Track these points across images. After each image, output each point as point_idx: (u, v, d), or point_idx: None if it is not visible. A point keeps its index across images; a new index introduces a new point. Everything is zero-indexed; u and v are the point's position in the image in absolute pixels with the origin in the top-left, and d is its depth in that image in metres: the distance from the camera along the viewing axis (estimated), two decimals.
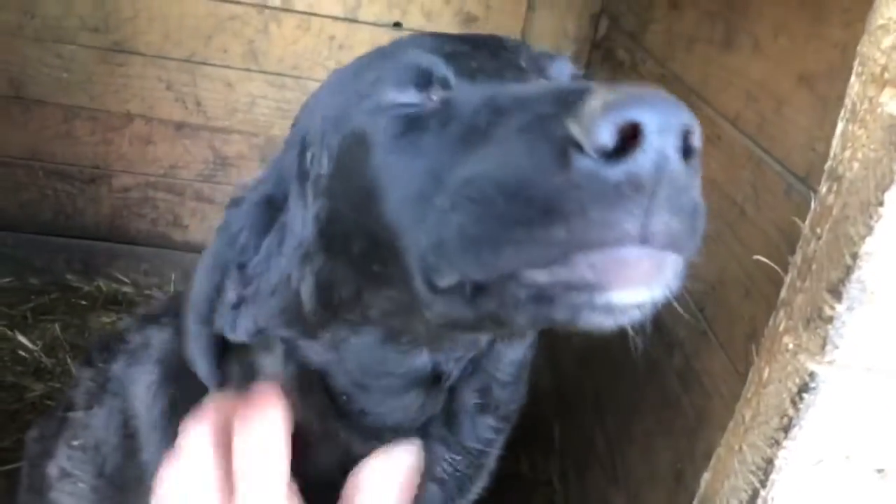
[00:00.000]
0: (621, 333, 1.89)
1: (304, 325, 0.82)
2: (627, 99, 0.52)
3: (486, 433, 0.97)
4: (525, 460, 2.20)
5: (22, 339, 2.19)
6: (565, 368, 2.22)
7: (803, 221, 0.68)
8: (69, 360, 2.16)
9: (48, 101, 2.39)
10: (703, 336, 1.34)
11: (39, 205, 2.53)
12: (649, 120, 0.52)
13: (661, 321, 1.54)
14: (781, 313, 0.68)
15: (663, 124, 0.53)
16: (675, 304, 0.64)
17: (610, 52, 2.16)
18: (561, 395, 2.23)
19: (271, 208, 0.87)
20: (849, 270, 0.58)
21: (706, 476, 0.79)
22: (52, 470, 1.29)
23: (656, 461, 1.50)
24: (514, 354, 0.94)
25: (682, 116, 0.55)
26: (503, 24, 2.32)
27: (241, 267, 0.85)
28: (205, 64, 2.36)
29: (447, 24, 2.31)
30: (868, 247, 0.56)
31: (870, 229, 0.56)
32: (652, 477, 1.52)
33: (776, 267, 0.72)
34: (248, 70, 2.38)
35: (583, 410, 2.02)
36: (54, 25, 2.28)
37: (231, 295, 0.85)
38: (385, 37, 2.31)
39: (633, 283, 0.57)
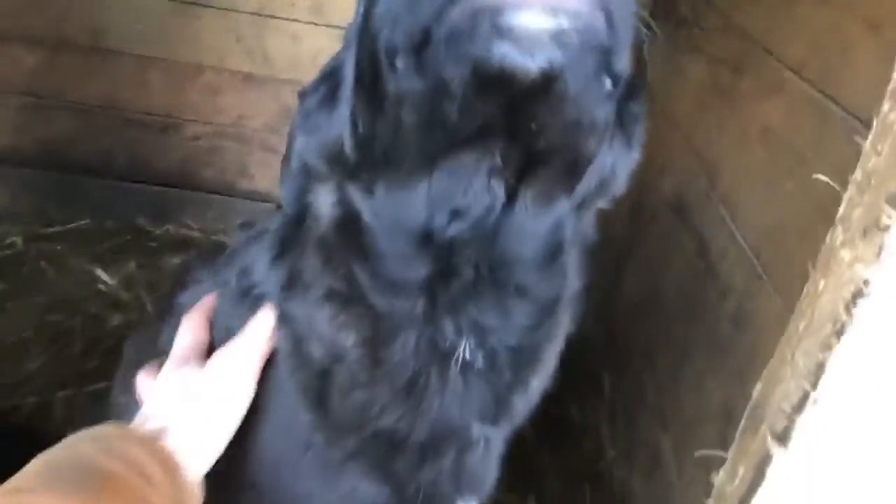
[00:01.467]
0: (674, 279, 1.93)
1: (346, 166, 0.86)
2: None
3: (521, 319, 0.91)
4: (574, 406, 2.27)
5: (102, 274, 2.33)
6: (617, 320, 2.27)
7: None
8: (143, 296, 2.29)
9: (124, 52, 2.50)
10: (759, 281, 1.38)
11: (115, 151, 2.66)
12: None
13: (715, 267, 1.59)
14: (839, 228, 0.73)
15: None
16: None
17: (672, 9, 2.17)
18: (611, 347, 2.29)
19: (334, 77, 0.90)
20: None
21: (758, 386, 0.84)
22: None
23: (706, 402, 1.55)
24: (537, 227, 0.84)
25: None
26: None
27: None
28: (273, 17, 2.43)
29: None
30: None
31: None
32: (701, 418, 1.57)
33: (835, 185, 0.76)
34: (313, 24, 2.45)
35: (633, 359, 2.07)
36: None
37: (308, 105, 0.94)
38: None
39: (531, 3, 0.55)
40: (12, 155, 2.64)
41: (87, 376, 1.98)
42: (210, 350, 1.07)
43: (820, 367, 0.72)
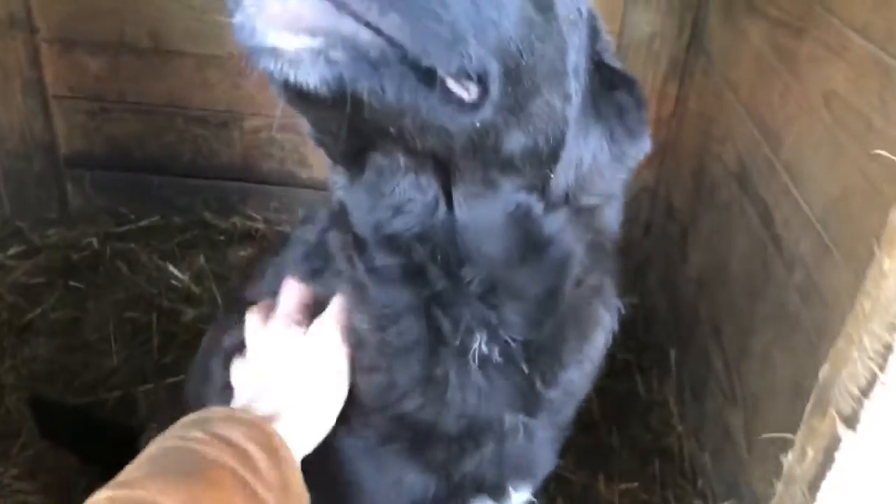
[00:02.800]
0: (738, 251, 1.88)
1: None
2: None
3: (515, 314, 0.93)
4: (641, 381, 2.25)
5: (173, 269, 2.41)
6: (682, 295, 2.23)
7: None
8: (214, 289, 2.37)
9: (183, 52, 2.56)
10: (826, 251, 1.34)
11: (179, 148, 2.74)
12: None
13: (780, 238, 1.54)
14: None
15: None
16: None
17: None
18: (677, 320, 2.26)
19: None
20: None
21: (824, 368, 0.82)
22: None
23: (775, 377, 1.52)
24: (484, 221, 0.86)
25: None
26: None
27: None
28: None
29: None
30: None
31: None
32: (770, 393, 1.55)
33: None
34: None
35: (700, 333, 2.04)
36: None
37: None
38: None
39: (274, 24, 0.59)
40: (85, 158, 2.75)
41: (165, 370, 2.06)
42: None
43: (888, 349, 0.70)
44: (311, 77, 0.61)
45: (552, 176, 0.85)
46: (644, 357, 2.34)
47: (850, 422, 0.76)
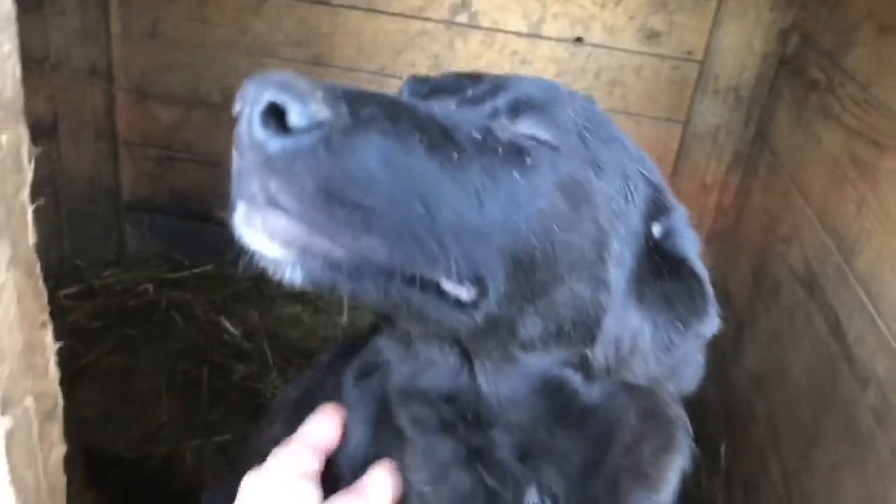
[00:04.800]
0: (802, 357, 1.83)
1: None
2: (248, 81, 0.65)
3: (553, 476, 0.91)
4: (690, 478, 2.19)
5: (226, 324, 2.44)
6: (736, 387, 2.19)
7: None
8: (265, 346, 2.38)
9: None
10: None
11: None
12: (245, 94, 0.67)
13: (853, 352, 1.52)
14: None
15: (251, 97, 0.66)
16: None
17: (800, 70, 2.10)
18: (729, 415, 2.21)
19: None
20: None
21: None
22: None
23: (841, 498, 1.48)
24: (508, 386, 0.87)
25: (270, 92, 0.65)
26: (686, 39, 2.32)
27: None
28: (393, 77, 2.51)
29: (630, 40, 2.33)
30: None
31: None
32: None
33: None
34: None
35: (754, 432, 2.00)
36: (263, 42, 2.51)
37: None
38: (566, 52, 2.38)
39: (257, 232, 0.69)
40: (147, 203, 2.81)
41: (213, 427, 2.07)
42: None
43: None
44: (293, 277, 0.69)
45: (590, 354, 0.86)
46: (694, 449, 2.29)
47: None
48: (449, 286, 0.73)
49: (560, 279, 0.80)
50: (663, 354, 0.88)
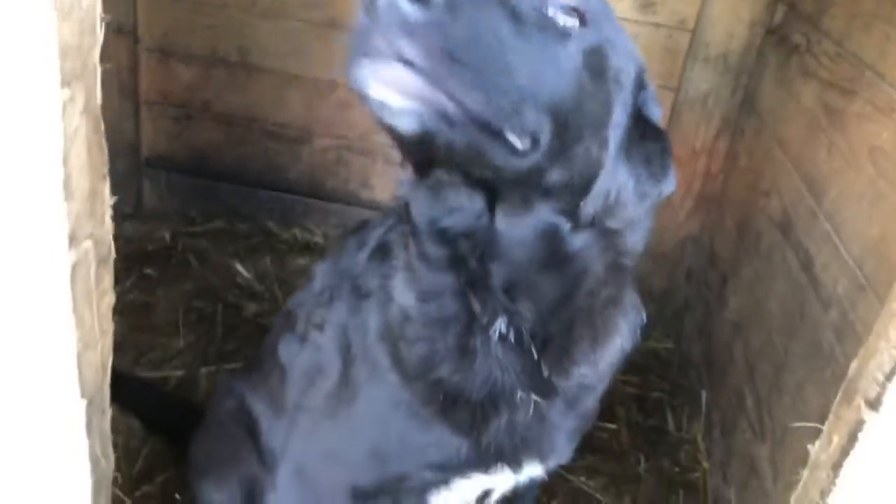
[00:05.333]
0: (777, 294, 1.98)
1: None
2: None
3: (528, 310, 1.11)
4: (672, 420, 2.34)
5: (239, 267, 2.58)
6: (717, 339, 2.33)
7: None
8: (276, 289, 2.52)
9: (267, 69, 2.77)
10: (861, 290, 1.45)
11: (252, 160, 2.93)
12: None
13: (819, 280, 1.65)
14: None
15: None
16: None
17: (785, 38, 2.24)
18: (710, 365, 2.35)
19: None
20: None
21: (853, 364, 0.94)
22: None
23: (806, 409, 1.61)
24: (518, 232, 1.04)
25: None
26: (679, 9, 2.46)
27: None
28: None
29: (626, 9, 2.47)
30: None
31: None
32: (801, 426, 1.63)
33: None
34: None
35: (733, 375, 2.13)
36: (279, 3, 2.65)
37: None
38: None
39: (382, 84, 0.81)
40: (165, 161, 2.95)
41: (226, 356, 2.21)
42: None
43: None
44: (406, 126, 0.83)
45: (582, 203, 1.03)
46: (676, 397, 2.43)
47: (874, 404, 0.86)
48: (512, 137, 0.90)
49: (581, 138, 0.98)
50: (640, 202, 1.07)
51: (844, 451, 0.90)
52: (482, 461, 1.24)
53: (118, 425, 1.92)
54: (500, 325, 1.11)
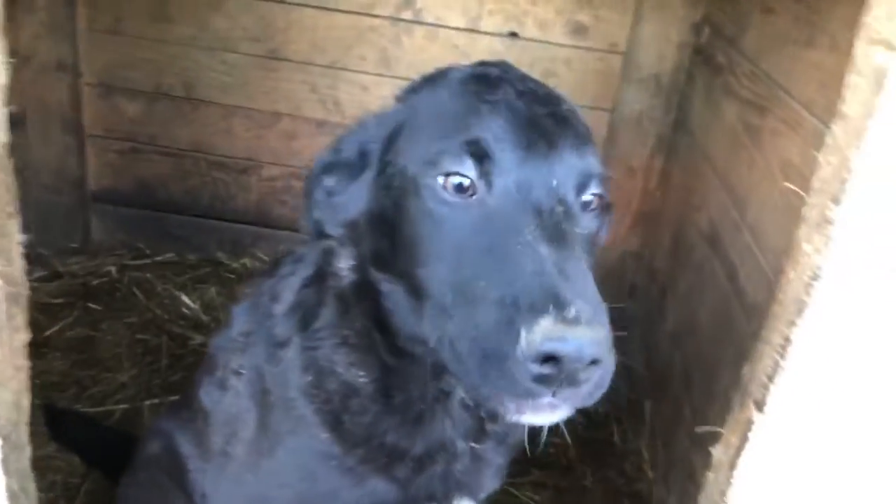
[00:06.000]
0: (708, 305, 2.03)
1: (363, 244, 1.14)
2: (558, 339, 0.81)
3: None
4: (618, 432, 2.37)
5: (185, 299, 2.58)
6: (659, 350, 2.38)
7: None
8: (222, 319, 2.52)
9: (212, 101, 2.80)
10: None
11: (200, 191, 2.94)
12: (568, 355, 0.81)
13: (743, 291, 1.71)
14: (802, 227, 0.88)
15: (577, 358, 0.82)
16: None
17: (710, 58, 2.33)
18: (653, 375, 2.40)
19: (360, 157, 1.15)
20: (845, 181, 0.78)
21: (746, 367, 0.99)
22: None
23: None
24: None
25: (592, 352, 0.82)
26: (610, 32, 2.54)
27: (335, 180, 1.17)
28: (345, 70, 2.70)
29: (559, 34, 2.54)
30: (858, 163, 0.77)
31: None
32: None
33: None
34: (381, 75, 2.70)
35: (672, 385, 2.18)
36: (222, 37, 2.68)
37: (327, 184, 1.17)
38: (502, 46, 2.59)
39: (541, 413, 0.90)
40: (111, 194, 2.95)
41: (171, 388, 2.20)
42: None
43: (787, 341, 0.86)
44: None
45: None
46: (622, 409, 2.47)
47: (760, 405, 0.91)
48: None
49: None
50: None
51: (738, 451, 0.94)
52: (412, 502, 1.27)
53: (57, 462, 1.91)
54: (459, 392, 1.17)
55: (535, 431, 1.04)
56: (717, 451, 1.03)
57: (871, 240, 0.80)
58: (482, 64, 1.21)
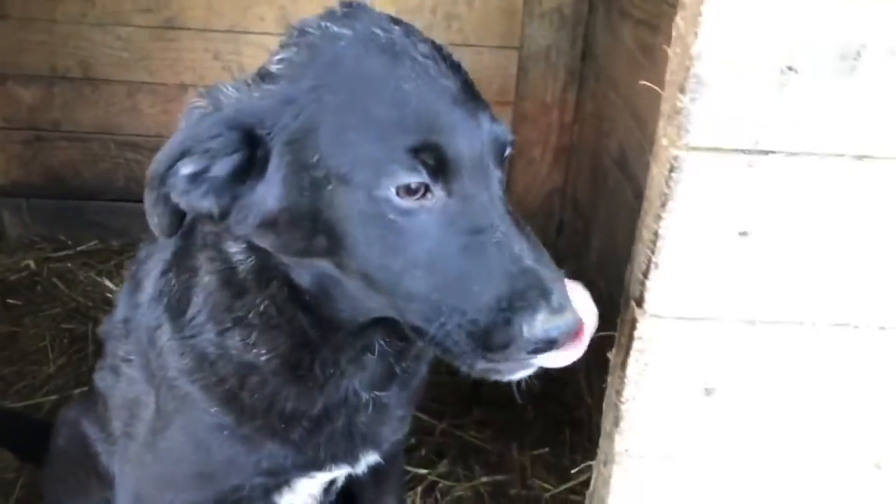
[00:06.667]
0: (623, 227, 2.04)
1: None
2: (554, 327, 0.91)
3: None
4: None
5: (108, 283, 2.52)
6: (587, 280, 2.41)
7: None
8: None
9: (112, 80, 2.71)
10: None
11: (113, 174, 2.86)
12: (559, 336, 0.93)
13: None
14: (659, 121, 0.89)
15: (566, 334, 0.94)
16: None
17: None
18: None
19: (246, 144, 0.98)
20: (688, 69, 0.79)
21: (628, 268, 1.01)
22: None
23: None
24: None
25: (574, 327, 0.94)
26: None
27: (207, 159, 1.01)
28: (246, 32, 2.63)
29: None
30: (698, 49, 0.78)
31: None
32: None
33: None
34: (282, 35, 2.63)
35: (601, 314, 2.22)
36: (112, 10, 2.59)
37: (188, 168, 1.01)
38: None
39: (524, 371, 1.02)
40: (21, 187, 2.85)
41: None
42: None
43: (656, 236, 0.88)
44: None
45: None
46: None
47: (639, 301, 0.93)
48: None
49: None
50: None
51: (627, 351, 0.96)
52: (316, 464, 1.27)
53: None
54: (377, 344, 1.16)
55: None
56: (613, 357, 1.05)
57: (720, 126, 0.82)
58: (346, 5, 1.14)
